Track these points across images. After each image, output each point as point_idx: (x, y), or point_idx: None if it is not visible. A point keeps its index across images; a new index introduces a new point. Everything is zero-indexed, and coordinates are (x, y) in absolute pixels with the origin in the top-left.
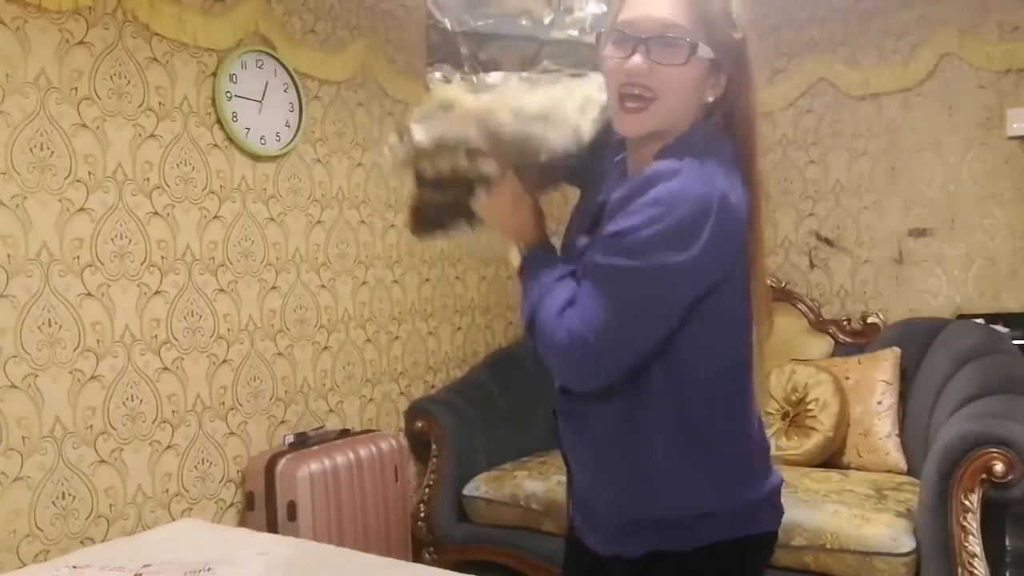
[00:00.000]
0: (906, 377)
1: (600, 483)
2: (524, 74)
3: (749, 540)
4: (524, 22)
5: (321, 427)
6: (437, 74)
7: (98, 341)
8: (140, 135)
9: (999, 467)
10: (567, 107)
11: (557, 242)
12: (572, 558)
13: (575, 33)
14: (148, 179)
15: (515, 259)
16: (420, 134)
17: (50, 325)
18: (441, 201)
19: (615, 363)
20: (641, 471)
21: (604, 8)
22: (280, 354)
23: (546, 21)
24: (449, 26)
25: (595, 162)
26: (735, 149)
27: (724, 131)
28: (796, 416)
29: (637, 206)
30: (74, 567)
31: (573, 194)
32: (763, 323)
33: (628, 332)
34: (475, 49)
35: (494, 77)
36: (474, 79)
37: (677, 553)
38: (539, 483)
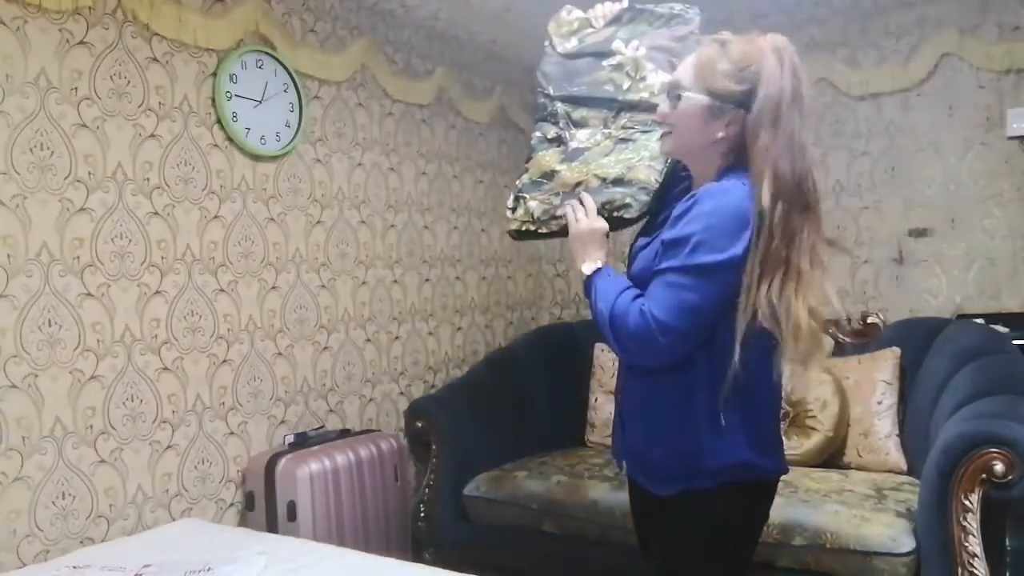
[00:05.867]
0: (906, 377)
1: (653, 441)
2: (605, 130)
3: (761, 480)
4: (608, 87)
5: (321, 427)
6: (537, 133)
7: (98, 341)
8: (140, 135)
9: (999, 467)
10: (638, 168)
11: None
12: (634, 495)
13: (646, 95)
14: (148, 179)
15: (586, 270)
16: (536, 208)
17: (50, 325)
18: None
19: (684, 340)
20: (689, 432)
21: (668, 77)
22: (280, 354)
23: (625, 86)
24: (552, 91)
25: (662, 196)
26: (750, 180)
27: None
28: (796, 416)
29: (694, 216)
30: (74, 567)
31: None
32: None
33: (694, 314)
34: (569, 110)
35: (582, 135)
36: (567, 134)
37: (705, 490)
38: (539, 483)
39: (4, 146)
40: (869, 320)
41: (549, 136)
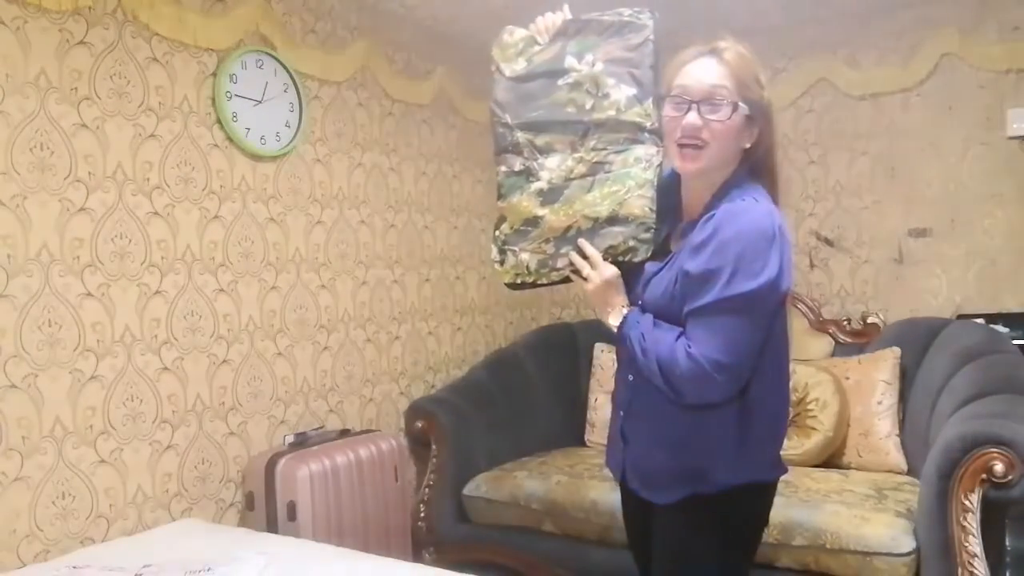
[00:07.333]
0: (906, 377)
1: (664, 458)
2: (575, 154)
3: (765, 484)
4: (570, 109)
5: (321, 427)
6: (503, 167)
7: (98, 341)
8: (140, 135)
9: (999, 467)
10: (629, 202)
11: None
12: (627, 502)
13: (613, 113)
14: (148, 179)
15: (613, 322)
16: (530, 260)
17: (50, 325)
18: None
19: (742, 372)
20: (707, 452)
21: (634, 91)
22: (280, 354)
23: (588, 106)
24: (510, 120)
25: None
26: (766, 187)
27: (752, 174)
28: (796, 416)
29: (719, 245)
30: (74, 567)
31: None
32: None
33: (745, 345)
34: (532, 137)
35: (551, 163)
36: (534, 164)
37: (709, 495)
38: (539, 483)
39: (4, 146)
40: (869, 320)
41: (516, 169)
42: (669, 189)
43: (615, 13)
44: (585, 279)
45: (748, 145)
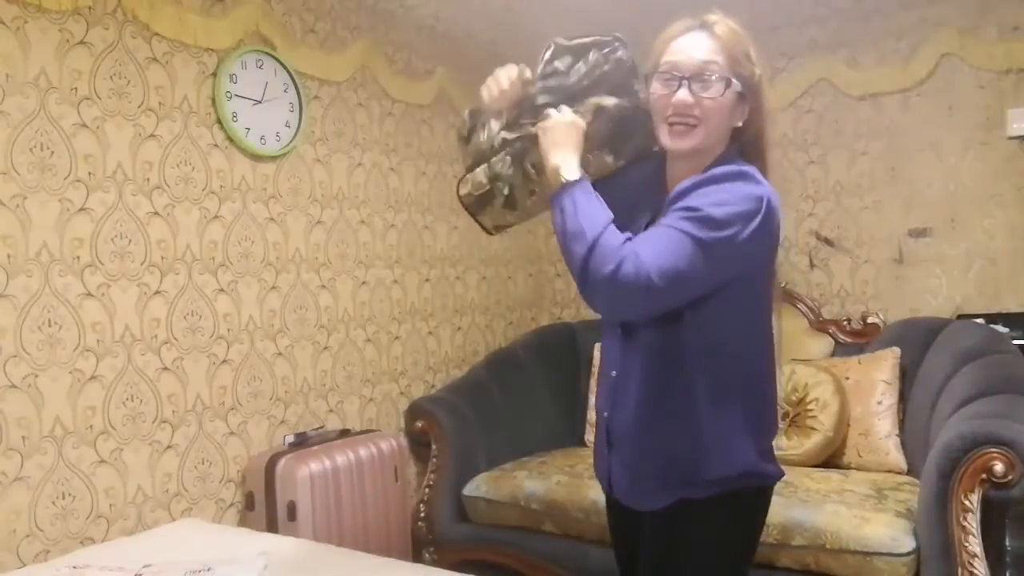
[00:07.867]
0: (906, 377)
1: (644, 451)
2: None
3: (761, 487)
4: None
5: (321, 427)
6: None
7: (98, 341)
8: (140, 135)
9: (999, 467)
10: (609, 99)
11: None
12: (612, 508)
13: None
14: (148, 179)
15: (568, 174)
16: (496, 134)
17: (50, 325)
18: (501, 170)
19: (663, 303)
20: (691, 441)
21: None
22: (280, 354)
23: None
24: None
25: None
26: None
27: (742, 155)
28: (796, 416)
29: (709, 191)
30: (74, 567)
31: None
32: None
33: (681, 282)
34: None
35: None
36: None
37: (701, 500)
38: (539, 483)
39: (4, 146)
40: (869, 320)
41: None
42: (655, 170)
43: (586, 62)
44: (547, 115)
45: (739, 123)
